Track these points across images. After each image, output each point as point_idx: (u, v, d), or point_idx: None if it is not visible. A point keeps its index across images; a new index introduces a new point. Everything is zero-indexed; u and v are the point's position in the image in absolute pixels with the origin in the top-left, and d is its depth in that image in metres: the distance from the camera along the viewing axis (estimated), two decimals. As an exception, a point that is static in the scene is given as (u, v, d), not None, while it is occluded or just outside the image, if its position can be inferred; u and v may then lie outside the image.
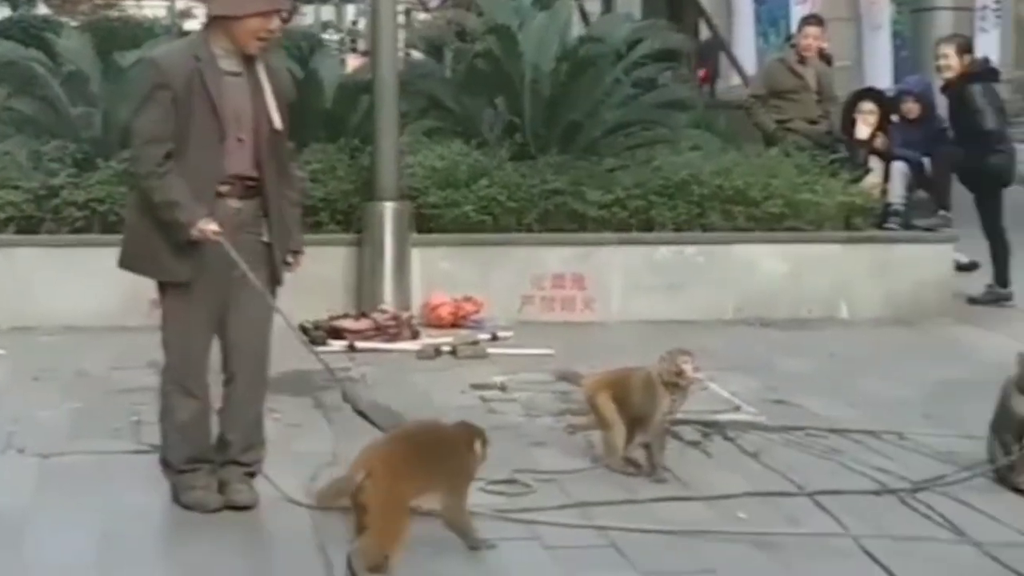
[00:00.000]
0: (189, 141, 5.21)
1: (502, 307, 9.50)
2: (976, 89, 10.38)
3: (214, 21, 5.34)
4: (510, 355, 8.43)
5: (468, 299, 9.37)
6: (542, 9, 11.18)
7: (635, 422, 5.93)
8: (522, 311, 9.60)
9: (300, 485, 5.61)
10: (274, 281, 5.46)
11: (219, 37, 5.30)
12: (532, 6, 11.25)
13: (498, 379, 7.69)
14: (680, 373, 5.80)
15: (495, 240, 9.67)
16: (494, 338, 8.85)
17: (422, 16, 25.59)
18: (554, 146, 10.33)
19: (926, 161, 10.73)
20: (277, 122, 5.36)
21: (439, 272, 9.55)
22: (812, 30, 11.78)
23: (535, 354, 8.38)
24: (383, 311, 9.04)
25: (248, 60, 5.33)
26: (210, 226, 5.19)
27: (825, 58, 12.31)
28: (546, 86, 10.46)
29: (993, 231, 10.51)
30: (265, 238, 5.40)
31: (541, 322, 9.44)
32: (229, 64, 5.30)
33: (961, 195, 10.86)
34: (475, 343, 8.63)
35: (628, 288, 9.72)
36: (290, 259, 5.52)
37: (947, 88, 10.60)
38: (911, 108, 10.99)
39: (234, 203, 5.32)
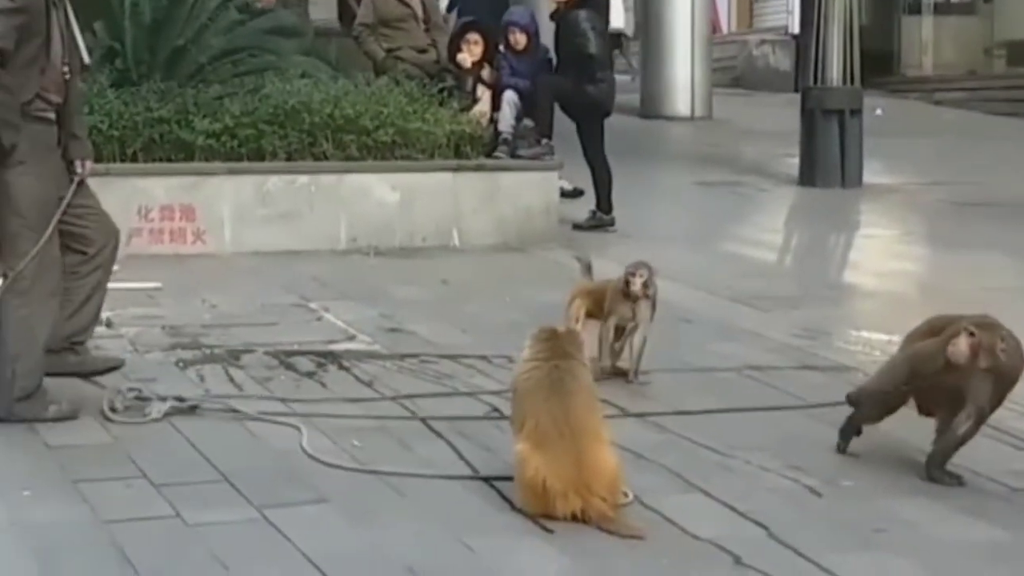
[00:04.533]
0: None
1: (107, 240, 9.13)
2: (582, 15, 10.64)
3: None
4: (116, 289, 8.07)
5: (70, 233, 8.96)
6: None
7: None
8: (130, 244, 9.19)
9: None
10: None
11: None
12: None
13: (103, 314, 7.37)
14: (628, 284, 6.32)
15: (97, 171, 9.15)
16: (99, 273, 8.50)
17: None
18: (158, 73, 9.99)
19: (537, 90, 10.94)
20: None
21: (37, 205, 9.10)
22: (418, -39, 11.78)
23: (142, 288, 8.13)
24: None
25: None
26: None
27: None
28: (147, 10, 10.10)
29: (595, 159, 10.82)
30: None
31: (150, 255, 9.15)
32: None
33: (566, 123, 11.14)
34: (79, 278, 8.26)
35: (240, 219, 9.54)
36: None
37: (555, 14, 10.83)
38: (518, 39, 11.17)
39: None
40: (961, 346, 5.02)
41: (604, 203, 10.83)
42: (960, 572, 4.38)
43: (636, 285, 6.33)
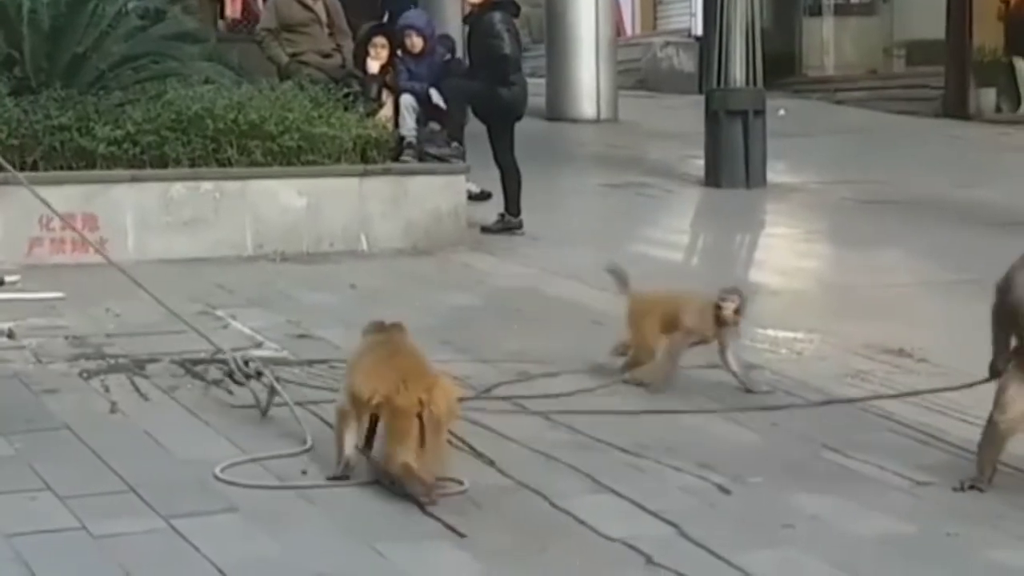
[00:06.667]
0: None
1: (8, 250, 9.03)
2: (496, 16, 10.66)
3: None
4: (17, 300, 8.01)
5: (-31, 243, 8.84)
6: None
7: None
8: (31, 254, 9.14)
9: None
10: None
11: None
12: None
13: (5, 325, 7.28)
14: (720, 309, 6.30)
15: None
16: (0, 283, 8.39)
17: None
18: (57, 80, 9.85)
19: (433, 93, 10.95)
20: None
21: (-65, 216, 8.96)
22: (320, -35, 11.73)
23: (44, 298, 8.01)
24: None
25: None
26: None
27: None
28: (46, 17, 9.96)
29: (505, 162, 10.83)
30: None
31: (52, 265, 9.02)
32: None
33: (473, 125, 11.14)
34: (-21, 289, 8.15)
35: (143, 226, 9.43)
36: None
37: (469, 16, 10.83)
38: (415, 42, 11.16)
39: None
40: None
41: (512, 206, 10.84)
42: (867, 566, 4.43)
43: (728, 311, 6.31)
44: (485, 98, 10.69)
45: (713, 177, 13.48)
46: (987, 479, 5.03)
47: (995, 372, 5.11)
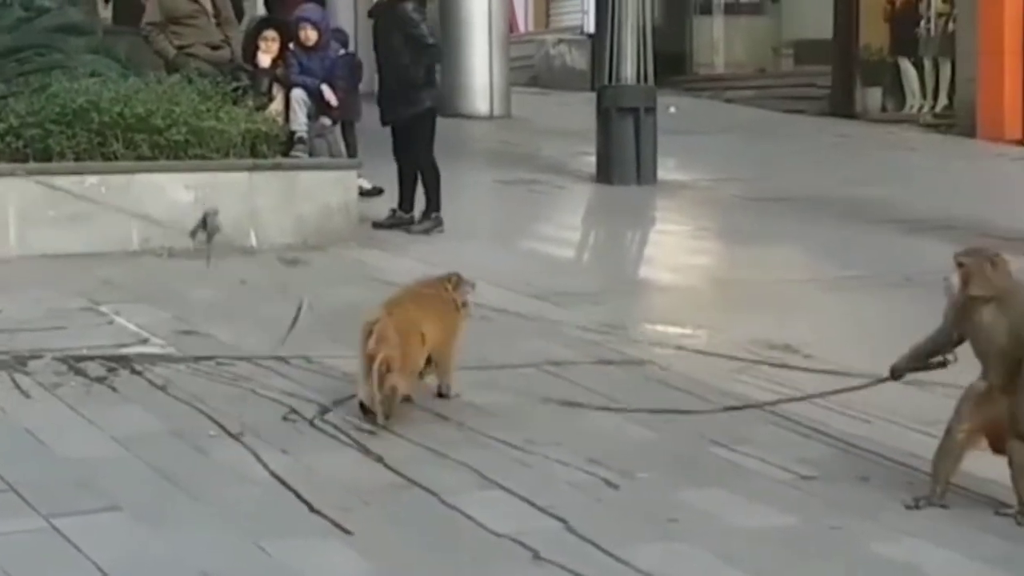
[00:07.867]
0: None
1: None
2: (409, 7, 10.57)
3: None
4: None
5: None
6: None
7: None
8: (-91, 249, 8.94)
9: None
10: None
11: None
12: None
13: None
14: None
15: None
16: None
17: None
18: (-61, 72, 9.66)
19: (324, 88, 10.87)
20: None
21: None
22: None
23: (-76, 294, 7.84)
24: None
25: None
26: None
27: None
28: (-74, 8, 9.76)
29: (404, 160, 10.73)
30: None
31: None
32: None
33: (366, 121, 11.08)
34: None
35: (27, 221, 9.24)
36: None
37: (377, 8, 10.74)
38: (309, 35, 11.07)
39: None
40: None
41: (406, 202, 10.80)
42: (752, 557, 4.48)
43: None
44: (420, 118, 10.63)
45: (604, 174, 13.53)
46: (941, 493, 4.89)
47: (895, 373, 5.22)
